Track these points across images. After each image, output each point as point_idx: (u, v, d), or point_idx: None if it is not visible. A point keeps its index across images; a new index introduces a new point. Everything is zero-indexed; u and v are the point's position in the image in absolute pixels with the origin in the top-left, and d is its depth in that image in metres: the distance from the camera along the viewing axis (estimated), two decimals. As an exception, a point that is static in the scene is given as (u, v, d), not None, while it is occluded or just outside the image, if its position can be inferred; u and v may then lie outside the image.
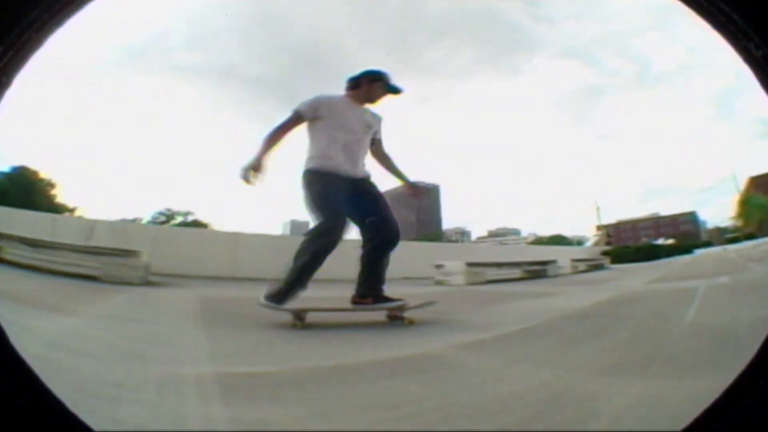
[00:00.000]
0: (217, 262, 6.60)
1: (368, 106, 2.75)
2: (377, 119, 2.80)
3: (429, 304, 2.67)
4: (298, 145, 2.70)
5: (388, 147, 2.86)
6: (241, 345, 1.97)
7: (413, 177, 2.97)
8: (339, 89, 2.77)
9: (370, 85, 2.71)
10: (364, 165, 2.69)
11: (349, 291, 2.58)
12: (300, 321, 2.32)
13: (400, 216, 2.86)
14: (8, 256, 4.39)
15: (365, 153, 2.71)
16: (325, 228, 2.39)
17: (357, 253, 2.61)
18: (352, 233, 2.58)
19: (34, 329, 1.80)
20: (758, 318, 1.98)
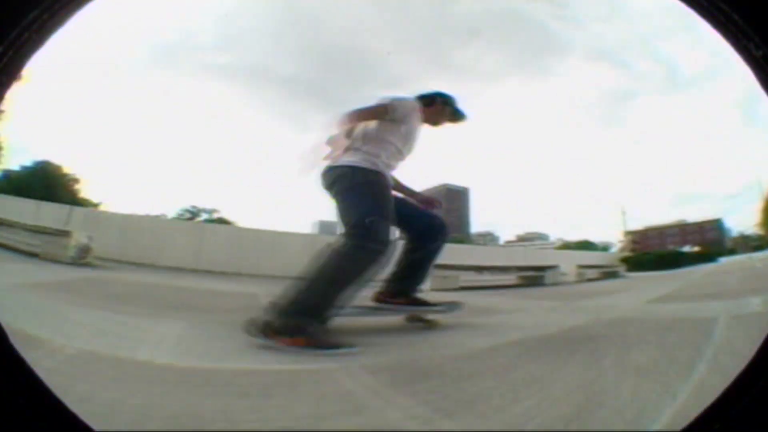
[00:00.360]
0: (179, 252, 6.65)
1: (428, 127, 2.55)
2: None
3: (456, 306, 2.51)
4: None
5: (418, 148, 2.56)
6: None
7: (444, 180, 2.81)
8: (369, 91, 2.51)
9: (443, 108, 2.55)
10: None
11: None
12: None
13: None
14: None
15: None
16: (383, 238, 1.93)
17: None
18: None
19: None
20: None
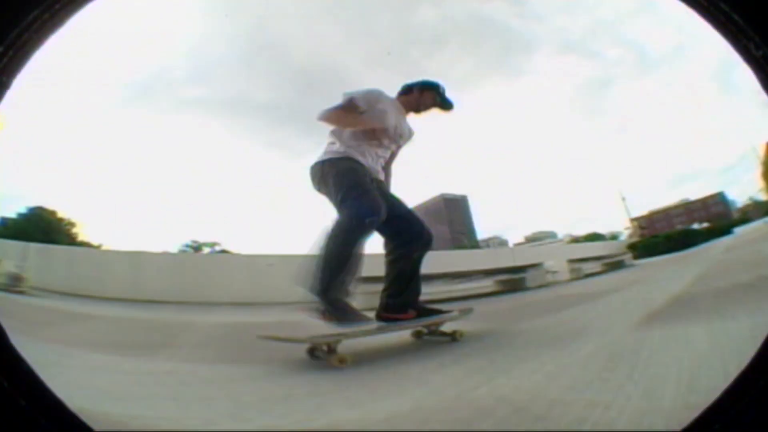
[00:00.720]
0: (118, 282, 6.55)
1: (412, 115, 2.64)
2: (411, 133, 2.67)
3: (467, 312, 2.42)
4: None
5: (407, 157, 2.67)
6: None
7: (440, 190, 2.81)
8: None
9: (422, 93, 2.60)
10: (380, 171, 2.51)
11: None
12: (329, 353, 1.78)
13: (434, 228, 2.68)
14: None
15: (383, 162, 2.53)
16: (367, 214, 2.06)
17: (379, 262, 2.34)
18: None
19: None
20: None
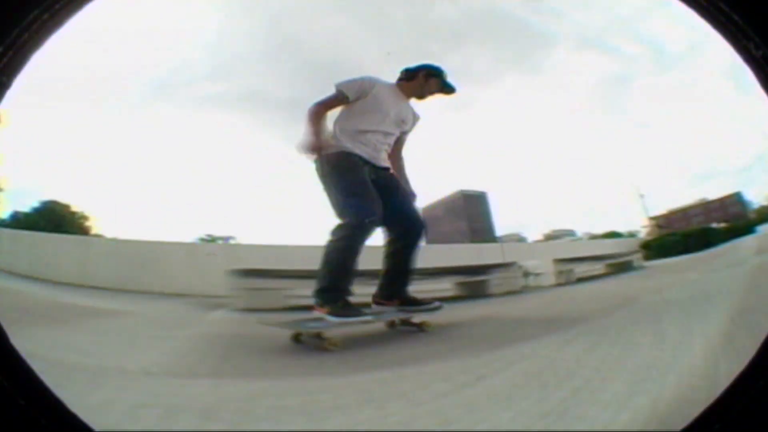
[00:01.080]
0: (66, 267, 6.60)
1: (414, 101, 2.57)
2: (416, 118, 2.62)
3: (437, 308, 2.45)
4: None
5: (426, 154, 2.70)
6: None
7: (460, 186, 2.75)
8: None
9: (426, 79, 2.52)
10: (385, 158, 2.50)
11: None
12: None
13: (453, 224, 2.74)
14: None
15: (389, 149, 2.52)
16: (366, 216, 2.12)
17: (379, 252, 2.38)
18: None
19: None
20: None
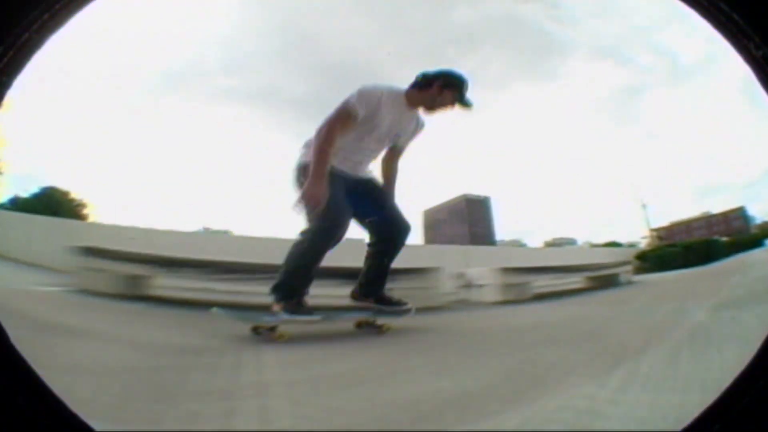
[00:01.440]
0: (13, 243, 6.65)
1: (422, 111, 2.35)
2: (419, 126, 2.42)
3: (408, 310, 2.46)
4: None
5: (433, 156, 2.51)
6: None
7: (464, 190, 2.58)
8: None
9: (441, 90, 2.25)
10: (368, 169, 2.43)
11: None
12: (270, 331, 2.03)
13: (454, 228, 2.68)
14: None
15: (376, 156, 2.42)
16: (330, 224, 2.10)
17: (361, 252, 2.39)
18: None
19: None
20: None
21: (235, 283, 3.04)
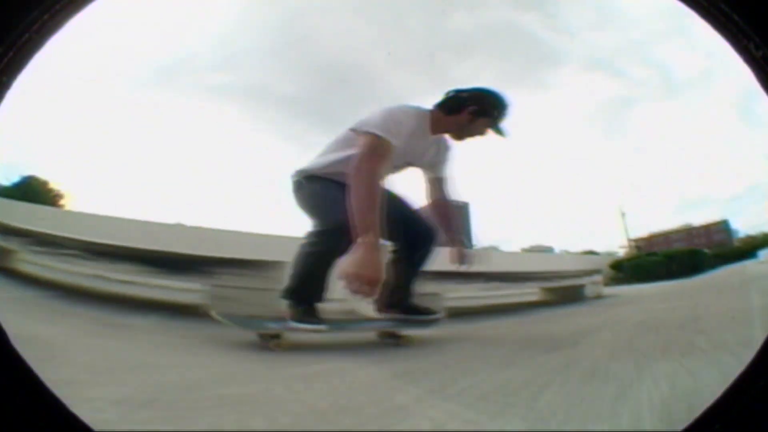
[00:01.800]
0: None
1: (448, 137, 2.03)
2: (443, 152, 2.09)
3: (438, 318, 2.27)
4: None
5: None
6: None
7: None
8: (369, 107, 1.87)
9: (473, 118, 1.86)
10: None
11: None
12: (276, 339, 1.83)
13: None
14: None
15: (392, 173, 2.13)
16: (336, 226, 1.76)
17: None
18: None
19: None
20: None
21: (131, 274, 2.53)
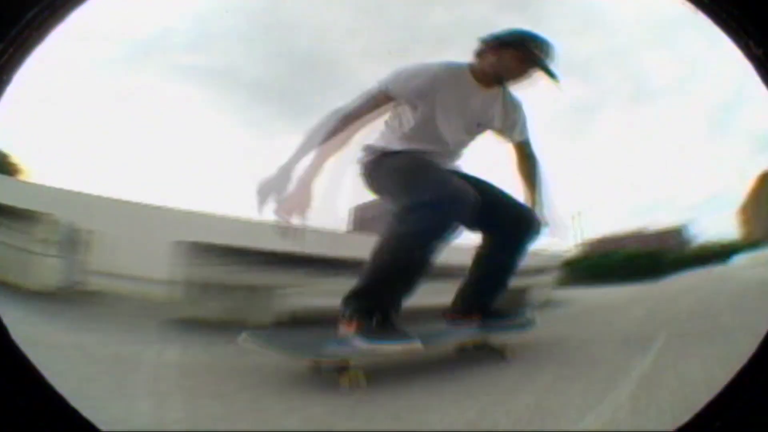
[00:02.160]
0: None
1: (496, 88, 1.72)
2: (512, 110, 1.78)
3: (529, 322, 1.89)
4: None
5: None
6: None
7: None
8: (338, 97, 1.63)
9: (498, 52, 1.61)
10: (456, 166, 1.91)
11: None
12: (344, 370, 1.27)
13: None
14: None
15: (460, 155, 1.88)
16: (455, 191, 1.45)
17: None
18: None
19: None
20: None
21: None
